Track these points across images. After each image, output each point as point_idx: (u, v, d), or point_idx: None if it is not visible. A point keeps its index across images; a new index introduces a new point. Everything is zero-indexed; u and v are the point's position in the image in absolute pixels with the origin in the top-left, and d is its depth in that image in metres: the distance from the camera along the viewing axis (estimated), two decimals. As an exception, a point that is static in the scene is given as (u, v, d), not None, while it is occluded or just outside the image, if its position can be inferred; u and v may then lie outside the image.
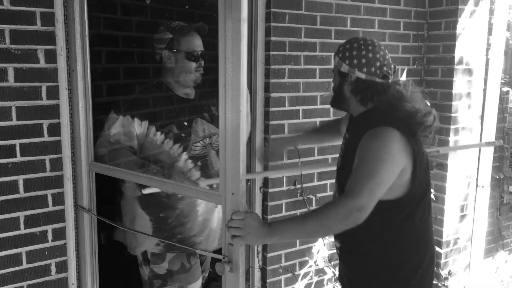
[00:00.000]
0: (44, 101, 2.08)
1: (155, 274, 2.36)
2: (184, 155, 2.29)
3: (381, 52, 1.79)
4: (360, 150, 1.70)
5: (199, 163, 2.33)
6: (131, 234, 2.37)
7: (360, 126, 1.79)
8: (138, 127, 2.23)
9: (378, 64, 1.77)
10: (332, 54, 2.89)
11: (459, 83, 3.30)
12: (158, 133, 2.25)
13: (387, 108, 1.76)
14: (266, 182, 2.83)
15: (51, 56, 2.06)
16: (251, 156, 2.76)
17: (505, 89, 3.77)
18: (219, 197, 1.63)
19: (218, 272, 1.61)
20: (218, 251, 2.40)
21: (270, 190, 2.82)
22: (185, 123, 2.32)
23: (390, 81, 1.79)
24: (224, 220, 1.62)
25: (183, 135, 2.29)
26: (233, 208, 1.58)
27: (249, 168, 2.77)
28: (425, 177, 1.81)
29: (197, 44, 2.32)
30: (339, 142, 2.05)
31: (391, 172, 1.66)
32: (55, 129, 2.11)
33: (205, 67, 2.37)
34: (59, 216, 2.18)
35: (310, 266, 3.06)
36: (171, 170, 2.22)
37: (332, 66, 1.95)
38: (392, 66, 1.81)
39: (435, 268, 1.93)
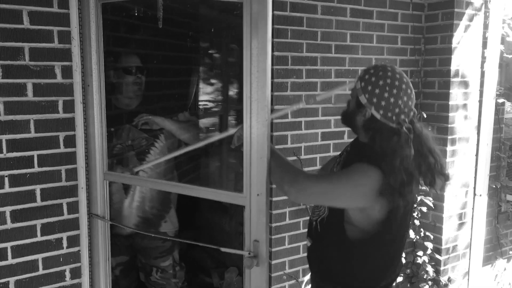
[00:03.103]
0: (61, 114, 2.19)
1: None
2: None
3: (404, 98, 1.71)
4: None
5: (114, 161, 2.65)
6: None
7: (355, 155, 1.84)
8: None
9: (397, 110, 1.70)
10: (333, 68, 3.05)
11: (456, 95, 3.42)
12: None
13: (384, 153, 1.70)
14: (270, 191, 2.92)
15: (67, 72, 2.18)
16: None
17: (500, 100, 3.88)
18: (244, 198, 1.79)
19: (246, 267, 1.76)
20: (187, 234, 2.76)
21: (274, 198, 2.92)
22: (111, 129, 2.62)
23: (403, 129, 1.70)
24: (249, 221, 1.77)
25: None
26: (258, 208, 1.74)
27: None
28: (400, 224, 1.85)
29: (132, 60, 2.68)
30: None
31: (344, 200, 1.77)
32: (70, 141, 2.22)
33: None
34: (74, 224, 2.28)
35: (313, 273, 3.15)
36: None
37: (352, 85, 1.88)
38: (412, 113, 1.75)
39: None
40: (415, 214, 3.52)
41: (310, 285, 2.16)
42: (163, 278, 2.88)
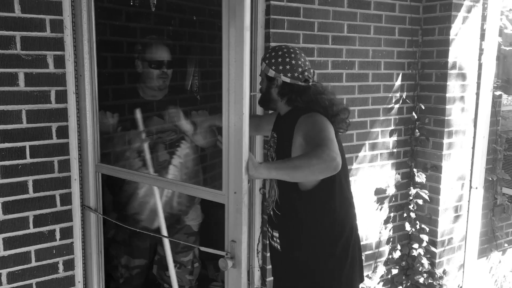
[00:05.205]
0: (53, 105, 2.16)
1: None
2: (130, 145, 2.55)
3: (302, 60, 2.05)
4: (302, 129, 1.90)
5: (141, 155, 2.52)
6: None
7: (290, 119, 2.02)
8: (111, 118, 2.48)
9: (300, 69, 2.03)
10: (330, 59, 3.02)
11: (453, 87, 3.40)
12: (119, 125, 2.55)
13: (310, 105, 2.02)
14: (265, 183, 2.90)
15: (59, 62, 2.14)
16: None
17: (498, 93, 3.86)
18: (223, 196, 1.71)
19: (221, 267, 1.68)
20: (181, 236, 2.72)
21: (270, 191, 2.90)
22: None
23: (310, 83, 2.05)
24: (227, 217, 1.70)
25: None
26: (235, 207, 1.65)
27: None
28: (344, 158, 2.04)
29: (160, 54, 2.58)
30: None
31: (334, 137, 1.87)
32: (63, 132, 2.19)
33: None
34: (67, 216, 2.26)
35: (309, 266, 3.13)
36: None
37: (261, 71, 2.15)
38: (312, 70, 2.08)
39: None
40: (411, 207, 3.51)
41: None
42: (179, 273, 2.78)
